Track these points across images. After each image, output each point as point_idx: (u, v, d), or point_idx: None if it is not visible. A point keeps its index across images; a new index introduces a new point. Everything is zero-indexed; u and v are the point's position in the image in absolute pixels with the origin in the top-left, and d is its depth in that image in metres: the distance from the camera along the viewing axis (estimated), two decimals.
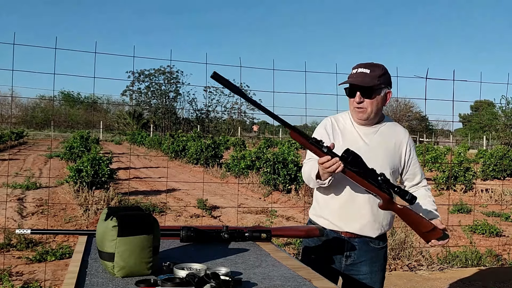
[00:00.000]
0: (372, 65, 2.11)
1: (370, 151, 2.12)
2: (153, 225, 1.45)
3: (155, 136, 29.09)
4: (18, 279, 4.23)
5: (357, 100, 2.10)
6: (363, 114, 2.12)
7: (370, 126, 2.18)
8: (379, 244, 2.21)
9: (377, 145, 2.16)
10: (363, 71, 2.09)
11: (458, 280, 4.58)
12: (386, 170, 2.12)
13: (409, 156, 2.23)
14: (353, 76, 2.10)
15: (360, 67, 2.11)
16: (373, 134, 2.17)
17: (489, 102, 34.76)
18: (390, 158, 2.17)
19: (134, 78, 42.40)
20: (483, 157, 15.39)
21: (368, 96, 2.09)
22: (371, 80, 2.07)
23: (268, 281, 1.43)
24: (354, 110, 2.14)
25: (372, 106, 2.10)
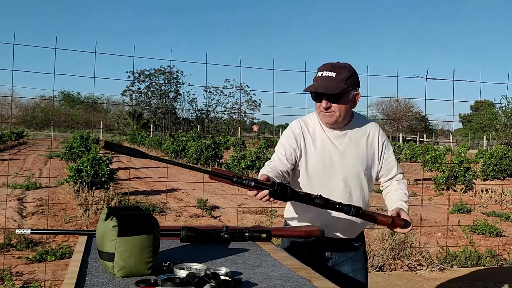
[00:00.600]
0: (338, 67, 2.02)
1: (342, 155, 2.10)
2: (153, 225, 1.46)
3: (155, 136, 29.11)
4: (18, 279, 4.23)
5: (324, 106, 2.03)
6: (330, 118, 2.06)
7: (339, 129, 2.12)
8: (358, 242, 2.23)
9: (348, 147, 2.11)
10: (328, 75, 2.00)
11: (458, 280, 4.58)
12: (360, 172, 2.11)
13: (382, 152, 2.18)
14: (318, 80, 2.02)
15: (326, 70, 2.02)
16: (343, 137, 2.12)
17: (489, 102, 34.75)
18: (362, 159, 2.13)
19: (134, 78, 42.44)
20: (483, 157, 15.39)
21: (335, 101, 2.02)
22: (337, 85, 1.99)
23: (268, 281, 1.43)
24: (321, 114, 2.07)
25: (340, 110, 2.03)
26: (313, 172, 2.11)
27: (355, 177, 2.12)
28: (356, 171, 2.11)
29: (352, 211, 1.83)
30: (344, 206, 1.84)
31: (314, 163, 2.10)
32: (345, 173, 2.10)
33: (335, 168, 2.10)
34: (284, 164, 2.07)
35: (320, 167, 2.10)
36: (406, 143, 28.86)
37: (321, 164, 2.10)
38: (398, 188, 2.19)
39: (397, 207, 2.07)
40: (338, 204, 1.84)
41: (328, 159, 2.10)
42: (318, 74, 2.04)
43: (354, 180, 2.12)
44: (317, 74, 2.05)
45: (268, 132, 44.85)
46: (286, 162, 2.08)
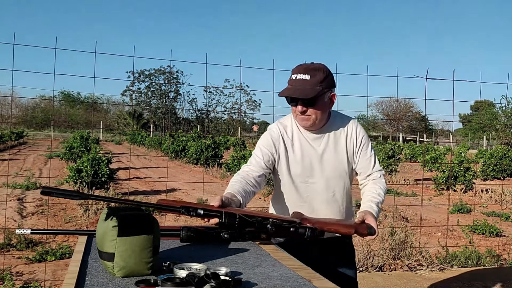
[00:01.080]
0: (312, 69, 1.98)
1: (321, 157, 2.09)
2: (153, 225, 1.46)
3: (155, 136, 29.11)
4: (18, 279, 4.23)
5: (299, 110, 1.99)
6: (307, 122, 2.03)
7: (317, 130, 2.09)
8: (344, 240, 2.20)
9: (327, 149, 2.10)
10: (302, 78, 1.96)
11: (458, 280, 4.58)
12: (342, 172, 2.10)
13: (360, 147, 2.14)
14: (293, 84, 1.98)
15: (300, 72, 1.97)
16: (321, 138, 2.10)
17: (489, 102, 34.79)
18: (342, 159, 2.11)
19: (134, 78, 42.46)
20: (483, 157, 15.40)
21: (311, 105, 1.98)
22: (312, 88, 1.95)
23: (268, 281, 1.43)
24: (298, 118, 2.04)
25: (316, 113, 2.00)
26: (294, 176, 2.09)
27: (337, 178, 2.11)
28: (338, 172, 2.10)
29: (307, 233, 1.76)
30: (298, 229, 1.77)
31: (294, 166, 2.09)
32: (327, 175, 2.09)
33: (316, 170, 2.08)
34: (261, 168, 2.06)
35: (301, 170, 2.08)
36: (406, 143, 28.87)
37: (301, 167, 2.08)
38: (371, 188, 2.13)
39: (364, 209, 2.01)
40: (292, 227, 1.77)
41: (308, 162, 2.08)
42: (292, 77, 1.99)
43: (336, 180, 2.11)
44: (291, 76, 2.01)
45: None
46: (263, 166, 2.07)
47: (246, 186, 1.98)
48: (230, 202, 1.83)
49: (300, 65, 2.02)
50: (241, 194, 1.92)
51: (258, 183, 2.04)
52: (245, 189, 1.96)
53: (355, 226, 1.91)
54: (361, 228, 1.91)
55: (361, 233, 1.91)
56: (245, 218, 1.73)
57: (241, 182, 1.98)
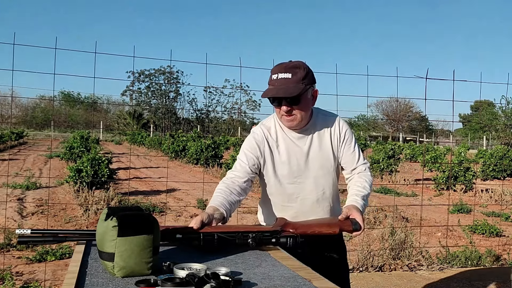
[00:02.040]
0: (292, 68, 1.96)
1: (307, 156, 2.07)
2: (153, 225, 1.46)
3: (155, 136, 29.11)
4: (18, 279, 4.23)
5: (285, 110, 1.96)
6: (293, 122, 2.01)
7: (301, 129, 2.07)
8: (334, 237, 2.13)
9: (312, 147, 2.08)
10: (284, 77, 1.94)
11: (458, 280, 4.58)
12: (329, 169, 2.09)
13: (343, 142, 2.12)
14: (275, 84, 1.96)
15: (280, 72, 1.95)
16: (306, 137, 2.08)
17: (489, 102, 34.78)
18: (328, 156, 2.09)
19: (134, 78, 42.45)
20: (483, 157, 15.39)
21: (296, 104, 1.96)
22: (295, 87, 1.93)
23: (268, 281, 1.43)
24: (283, 119, 2.01)
25: (301, 112, 1.99)
26: (282, 177, 2.08)
27: (325, 175, 2.10)
28: (325, 169, 2.09)
29: (289, 242, 1.75)
30: (280, 238, 1.76)
31: (281, 168, 2.08)
32: (314, 174, 2.08)
33: (303, 170, 2.07)
34: (246, 173, 2.05)
35: (288, 171, 2.07)
36: (406, 143, 28.86)
37: (288, 168, 2.07)
38: (356, 182, 2.11)
39: (349, 204, 2.00)
40: (273, 237, 1.76)
41: (295, 162, 2.07)
42: (273, 77, 1.97)
43: (324, 178, 2.10)
44: (271, 76, 1.98)
45: None
46: (248, 171, 2.06)
47: (230, 196, 1.97)
48: (211, 219, 1.80)
49: (279, 64, 2.00)
50: (225, 206, 1.91)
51: (243, 190, 2.03)
52: (229, 200, 1.95)
53: (339, 224, 1.90)
54: (345, 225, 1.90)
55: (346, 230, 1.90)
56: (224, 236, 1.71)
57: (225, 192, 1.97)
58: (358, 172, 2.14)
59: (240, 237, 1.75)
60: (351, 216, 1.93)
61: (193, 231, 1.73)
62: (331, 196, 2.13)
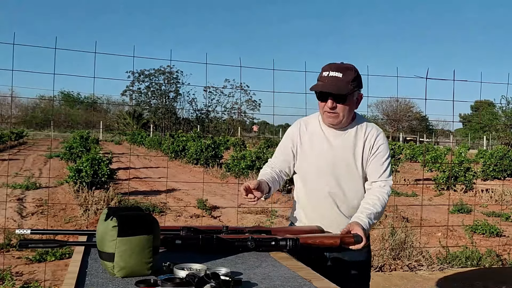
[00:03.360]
0: (344, 68, 2.03)
1: (337, 154, 2.10)
2: (153, 225, 1.45)
3: (155, 136, 29.10)
4: (18, 279, 4.23)
5: (329, 106, 2.03)
6: (334, 119, 2.06)
7: (340, 129, 2.12)
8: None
9: (345, 147, 2.11)
10: (335, 75, 2.01)
11: (458, 280, 4.58)
12: (354, 172, 2.10)
13: (373, 154, 2.12)
14: (325, 80, 2.02)
15: (332, 70, 2.02)
16: (342, 136, 2.12)
17: (489, 102, 34.75)
18: (358, 160, 2.10)
19: (134, 78, 42.40)
20: (483, 157, 15.39)
21: (341, 102, 2.03)
22: (344, 86, 2.00)
23: (268, 281, 1.42)
24: (325, 115, 2.07)
25: (344, 111, 2.04)
26: (308, 172, 2.15)
27: (349, 177, 2.11)
28: (351, 170, 2.11)
29: (288, 244, 1.77)
30: (279, 241, 1.78)
31: (310, 161, 2.14)
32: (339, 172, 2.11)
33: (330, 166, 2.11)
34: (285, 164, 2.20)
35: (315, 165, 2.13)
36: (406, 143, 28.86)
37: (316, 162, 2.12)
38: (367, 198, 2.10)
39: (352, 220, 2.01)
40: (273, 240, 1.79)
41: (324, 157, 2.12)
42: (324, 74, 2.04)
43: (348, 180, 2.12)
44: (322, 73, 2.05)
45: (268, 132, 44.83)
46: (285, 163, 2.20)
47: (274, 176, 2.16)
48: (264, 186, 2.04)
49: (332, 63, 2.08)
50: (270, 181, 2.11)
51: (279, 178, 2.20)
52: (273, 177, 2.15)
53: (340, 237, 1.92)
54: (346, 238, 1.92)
55: (347, 242, 1.91)
56: (223, 238, 1.76)
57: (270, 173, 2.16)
58: (376, 187, 2.13)
59: (239, 240, 1.76)
60: (352, 231, 1.94)
61: (193, 236, 1.74)
62: (352, 200, 2.12)
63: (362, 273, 2.24)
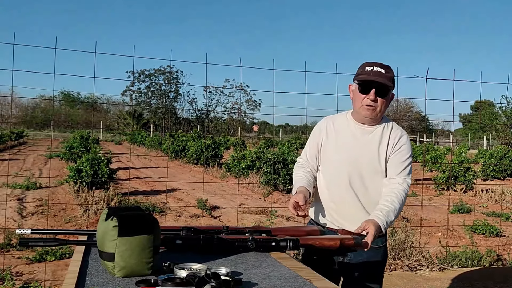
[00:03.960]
0: (386, 66, 2.14)
1: (361, 148, 2.16)
2: (153, 225, 1.45)
3: (155, 136, 29.09)
4: (18, 279, 4.23)
5: (372, 98, 2.09)
6: (372, 112, 2.12)
7: (369, 126, 2.18)
8: (378, 243, 2.18)
9: (371, 144, 2.16)
10: (379, 70, 2.10)
11: (458, 280, 4.58)
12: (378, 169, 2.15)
13: (395, 152, 2.16)
14: (369, 74, 2.10)
15: (376, 66, 2.13)
16: (369, 133, 2.18)
17: (489, 102, 34.73)
18: (381, 157, 2.15)
19: (134, 78, 42.37)
20: (483, 157, 15.38)
21: (382, 95, 2.11)
22: (389, 81, 2.11)
23: (269, 281, 1.43)
24: (363, 108, 2.12)
25: (382, 105, 2.13)
26: (332, 166, 2.20)
27: (373, 173, 2.16)
28: (374, 167, 2.16)
29: (288, 245, 1.79)
30: (280, 241, 1.79)
31: (333, 156, 2.20)
32: (362, 167, 2.15)
33: (353, 160, 2.16)
34: (314, 161, 2.28)
35: (338, 160, 2.18)
36: None
37: (340, 155, 2.18)
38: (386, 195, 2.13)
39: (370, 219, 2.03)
40: (273, 241, 1.80)
41: (348, 151, 2.17)
42: (367, 69, 2.12)
43: (371, 176, 2.16)
44: (364, 69, 2.13)
45: (268, 132, 44.82)
46: (314, 159, 2.28)
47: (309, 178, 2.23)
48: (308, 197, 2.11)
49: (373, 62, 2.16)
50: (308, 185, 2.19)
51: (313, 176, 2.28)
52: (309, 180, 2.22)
53: (340, 239, 1.94)
54: (346, 240, 1.92)
55: (347, 244, 1.92)
56: (223, 238, 1.77)
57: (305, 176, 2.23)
58: (394, 183, 2.15)
59: (239, 240, 1.77)
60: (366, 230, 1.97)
61: (194, 236, 1.74)
62: (374, 196, 2.16)
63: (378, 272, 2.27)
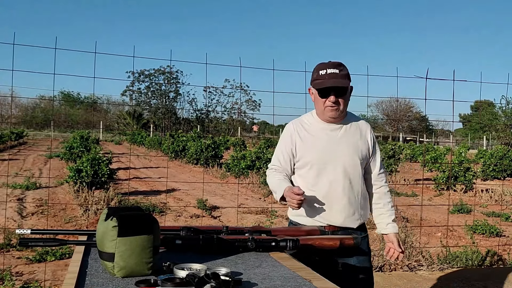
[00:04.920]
0: (338, 65, 2.18)
1: (338, 145, 2.22)
2: (153, 225, 1.45)
3: (155, 136, 29.10)
4: (18, 279, 4.23)
5: (332, 100, 2.15)
6: (336, 112, 2.18)
7: (336, 123, 2.25)
8: (361, 234, 2.26)
9: (344, 138, 2.24)
10: (333, 72, 2.14)
11: (458, 280, 4.58)
12: (356, 161, 2.23)
13: (373, 148, 2.32)
14: (325, 77, 2.15)
15: (329, 68, 2.16)
16: (339, 129, 2.25)
17: (489, 102, 34.71)
18: (357, 149, 2.25)
19: (134, 78, 42.38)
20: (483, 157, 15.39)
21: (341, 96, 2.17)
22: (344, 80, 2.15)
23: (268, 281, 1.43)
24: (327, 110, 2.19)
25: (343, 104, 2.19)
26: (313, 165, 2.21)
27: (353, 166, 2.22)
28: (354, 160, 2.23)
29: (288, 245, 1.80)
30: (279, 241, 1.80)
31: (313, 156, 2.21)
32: (343, 162, 2.20)
33: (334, 158, 2.20)
34: (288, 166, 2.27)
35: (319, 159, 2.20)
36: (406, 143, 28.86)
37: (320, 156, 2.20)
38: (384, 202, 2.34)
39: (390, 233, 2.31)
40: (273, 241, 1.81)
41: (327, 150, 2.21)
42: (321, 72, 2.16)
43: (352, 169, 2.22)
44: (318, 72, 2.17)
45: (268, 132, 44.82)
46: (289, 163, 2.27)
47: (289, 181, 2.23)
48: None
49: (323, 62, 2.20)
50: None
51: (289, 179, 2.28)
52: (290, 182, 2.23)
53: (340, 238, 1.96)
54: (346, 240, 1.96)
55: (347, 244, 1.96)
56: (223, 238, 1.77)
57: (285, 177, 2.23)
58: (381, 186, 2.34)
59: (239, 240, 1.77)
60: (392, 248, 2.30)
61: (193, 236, 1.74)
62: (357, 189, 2.24)
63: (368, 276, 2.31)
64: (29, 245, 1.63)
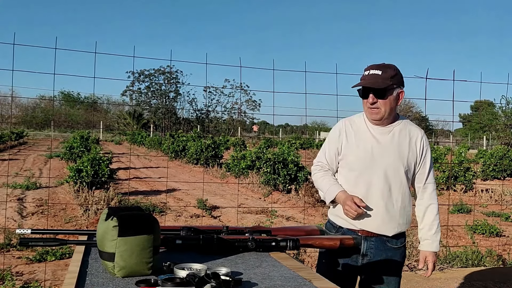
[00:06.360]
0: (383, 66, 2.15)
1: (383, 150, 2.17)
2: (153, 225, 1.46)
3: (155, 136, 29.10)
4: (18, 279, 4.23)
5: (370, 101, 2.14)
6: (376, 115, 2.16)
7: (384, 126, 2.21)
8: (396, 244, 2.22)
9: (390, 144, 2.19)
10: (375, 73, 2.13)
11: (458, 280, 4.58)
12: (400, 169, 2.17)
13: (422, 156, 2.23)
14: (366, 78, 2.15)
15: (372, 68, 2.15)
16: (386, 134, 2.21)
17: (489, 102, 34.72)
18: (403, 157, 2.18)
19: (134, 78, 42.37)
20: (483, 157, 15.38)
21: (381, 97, 2.13)
22: (383, 82, 2.11)
23: (269, 281, 1.43)
24: (368, 111, 2.18)
25: (385, 106, 2.14)
26: (355, 166, 2.19)
27: (395, 173, 2.17)
28: (396, 167, 2.17)
29: (288, 245, 1.79)
30: (280, 241, 1.79)
31: (355, 156, 2.20)
32: (385, 168, 2.16)
33: (376, 162, 2.16)
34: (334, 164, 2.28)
35: (361, 160, 2.18)
36: None
37: (362, 157, 2.18)
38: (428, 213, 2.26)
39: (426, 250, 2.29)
40: (273, 241, 1.80)
41: (370, 153, 2.18)
42: (365, 73, 2.17)
43: (394, 175, 2.17)
44: (364, 73, 2.18)
45: (268, 132, 44.82)
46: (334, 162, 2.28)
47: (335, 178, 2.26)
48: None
49: (373, 64, 2.19)
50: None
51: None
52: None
53: (340, 238, 1.96)
54: (346, 240, 1.96)
55: (347, 244, 1.96)
56: (223, 238, 1.76)
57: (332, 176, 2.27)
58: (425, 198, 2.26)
59: (239, 240, 1.77)
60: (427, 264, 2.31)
61: (193, 236, 1.74)
62: (397, 196, 2.17)
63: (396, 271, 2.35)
64: (29, 245, 1.63)
